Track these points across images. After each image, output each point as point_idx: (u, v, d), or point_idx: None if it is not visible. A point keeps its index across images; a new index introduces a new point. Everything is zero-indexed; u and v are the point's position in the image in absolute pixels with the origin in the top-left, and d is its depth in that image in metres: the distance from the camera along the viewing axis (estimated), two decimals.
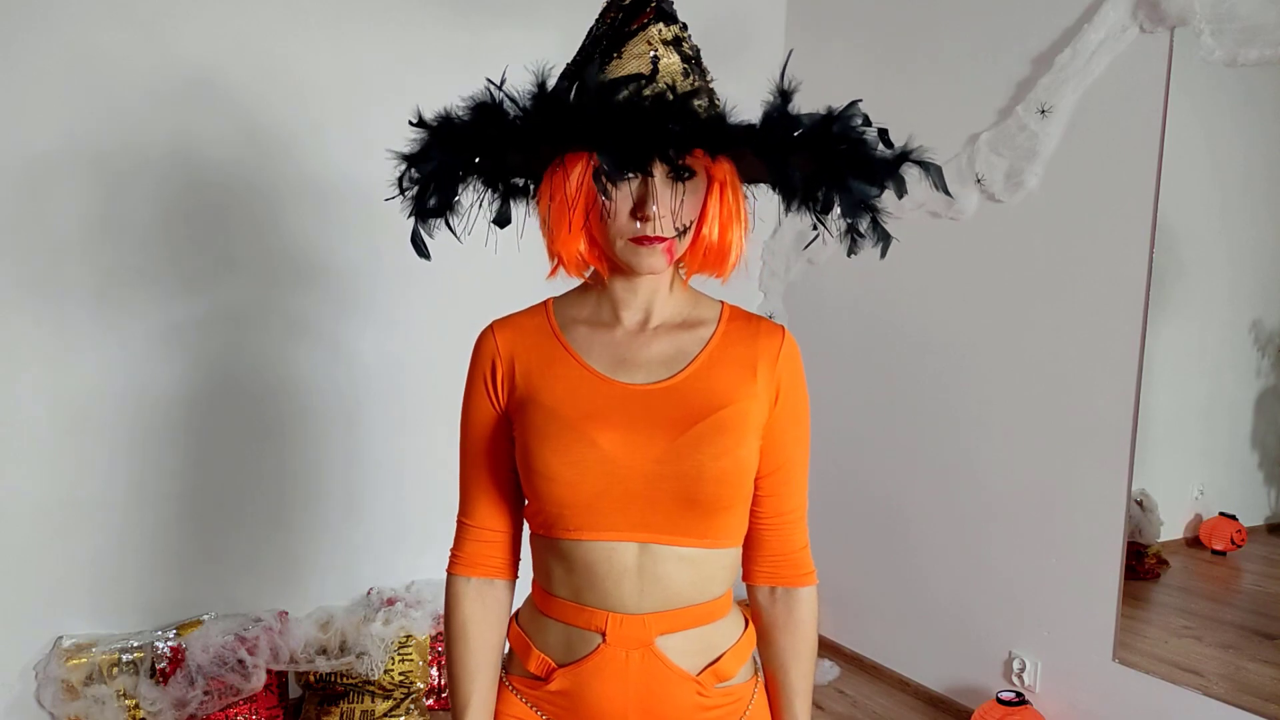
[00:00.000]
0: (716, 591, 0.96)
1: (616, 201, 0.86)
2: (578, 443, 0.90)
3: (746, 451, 0.92)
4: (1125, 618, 2.09)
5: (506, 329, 1.00)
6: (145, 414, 2.04)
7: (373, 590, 2.33)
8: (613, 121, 0.80)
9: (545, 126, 0.82)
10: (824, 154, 0.83)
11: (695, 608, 0.94)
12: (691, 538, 0.92)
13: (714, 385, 0.93)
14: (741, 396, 0.93)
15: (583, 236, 0.91)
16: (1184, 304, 2.08)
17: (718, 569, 0.95)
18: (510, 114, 0.82)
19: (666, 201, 0.87)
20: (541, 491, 0.92)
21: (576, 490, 0.90)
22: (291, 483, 2.24)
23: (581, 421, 0.91)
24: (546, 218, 0.91)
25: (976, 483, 2.40)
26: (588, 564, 0.92)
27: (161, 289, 2.04)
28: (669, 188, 0.87)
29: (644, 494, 0.90)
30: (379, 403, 2.32)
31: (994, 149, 2.27)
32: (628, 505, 0.90)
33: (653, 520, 0.90)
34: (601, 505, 0.90)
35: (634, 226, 0.87)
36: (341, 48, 2.19)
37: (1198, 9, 1.87)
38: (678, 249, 0.90)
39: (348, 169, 2.20)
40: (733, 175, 0.90)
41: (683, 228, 0.89)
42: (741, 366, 0.95)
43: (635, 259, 0.89)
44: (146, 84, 1.97)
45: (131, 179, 1.98)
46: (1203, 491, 2.14)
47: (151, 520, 2.07)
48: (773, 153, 0.82)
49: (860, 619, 2.79)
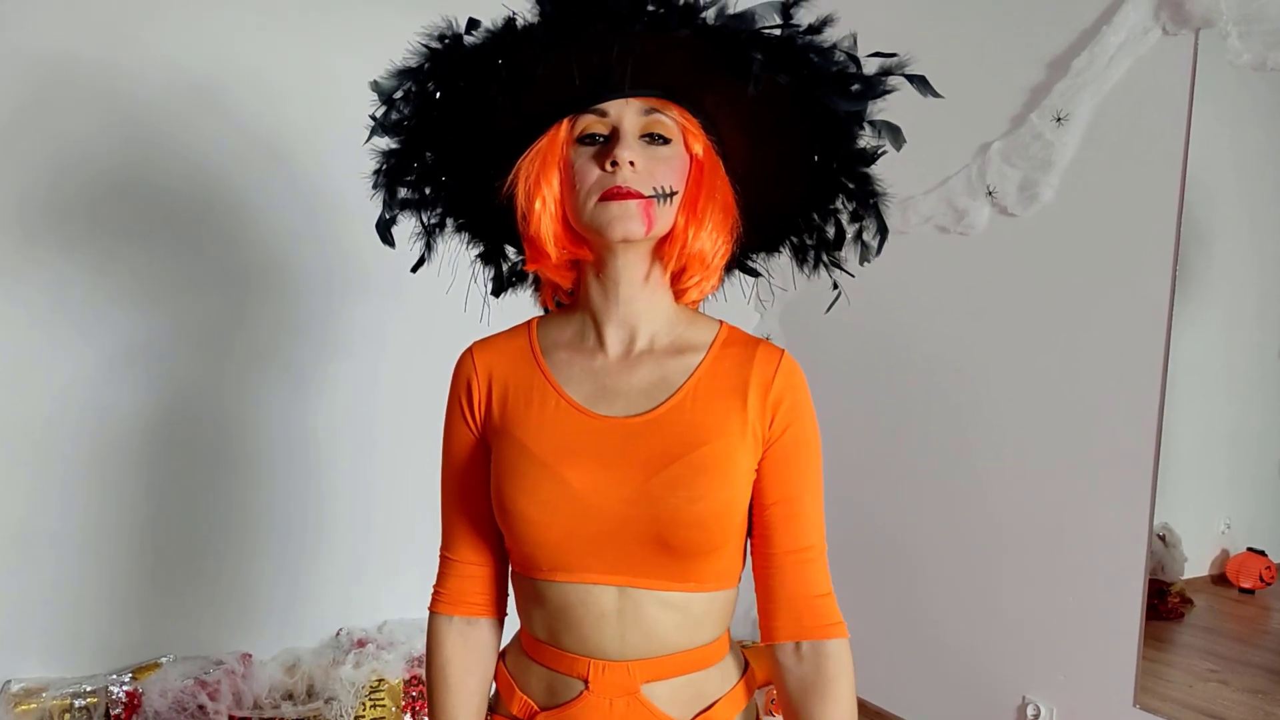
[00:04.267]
0: (707, 636, 0.91)
1: (582, 159, 0.86)
2: (546, 481, 0.87)
3: (730, 493, 0.87)
4: (1147, 660, 1.99)
5: (486, 351, 0.97)
6: (100, 442, 1.93)
7: (342, 631, 2.24)
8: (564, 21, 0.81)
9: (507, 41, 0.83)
10: (794, 66, 0.82)
11: (684, 654, 0.89)
12: (673, 582, 0.87)
13: (697, 419, 0.88)
14: (726, 432, 0.88)
15: (559, 217, 0.89)
16: (1209, 324, 1.98)
17: (707, 613, 0.90)
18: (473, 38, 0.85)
19: (639, 156, 0.85)
20: (513, 531, 0.88)
21: (546, 531, 0.87)
22: (256, 516, 2.13)
23: (552, 458, 0.87)
24: (522, 201, 0.89)
25: (987, 515, 2.30)
26: (564, 606, 0.89)
27: (120, 307, 1.93)
28: (643, 148, 0.85)
29: (616, 537, 0.86)
30: (351, 430, 2.23)
31: (1006, 159, 2.17)
32: (600, 548, 0.86)
33: (628, 564, 0.86)
34: (573, 546, 0.87)
35: (603, 178, 0.84)
36: (314, 55, 2.09)
37: (1224, 10, 1.78)
38: (656, 215, 0.86)
39: (320, 181, 2.10)
40: (711, 156, 0.89)
41: (661, 191, 0.85)
42: (730, 396, 0.89)
43: (606, 217, 0.84)
44: (105, 90, 1.87)
45: (87, 190, 1.87)
46: (1230, 525, 2.04)
47: (106, 556, 1.97)
48: (733, 48, 0.80)
49: (863, 661, 2.62)
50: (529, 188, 0.88)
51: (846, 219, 0.96)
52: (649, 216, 0.85)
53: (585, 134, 0.87)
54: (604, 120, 0.87)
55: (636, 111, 0.86)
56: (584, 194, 0.86)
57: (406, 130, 0.94)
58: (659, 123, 0.87)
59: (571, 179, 0.87)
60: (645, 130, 0.87)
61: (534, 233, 0.89)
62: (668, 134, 0.87)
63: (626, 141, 0.85)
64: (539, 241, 0.90)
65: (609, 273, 0.91)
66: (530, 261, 0.94)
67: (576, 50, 0.83)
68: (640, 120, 0.86)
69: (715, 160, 0.90)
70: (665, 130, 0.87)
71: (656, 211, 0.86)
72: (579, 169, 0.86)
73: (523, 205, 0.89)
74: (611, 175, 0.84)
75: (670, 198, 0.87)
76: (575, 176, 0.86)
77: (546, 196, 0.88)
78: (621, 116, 0.86)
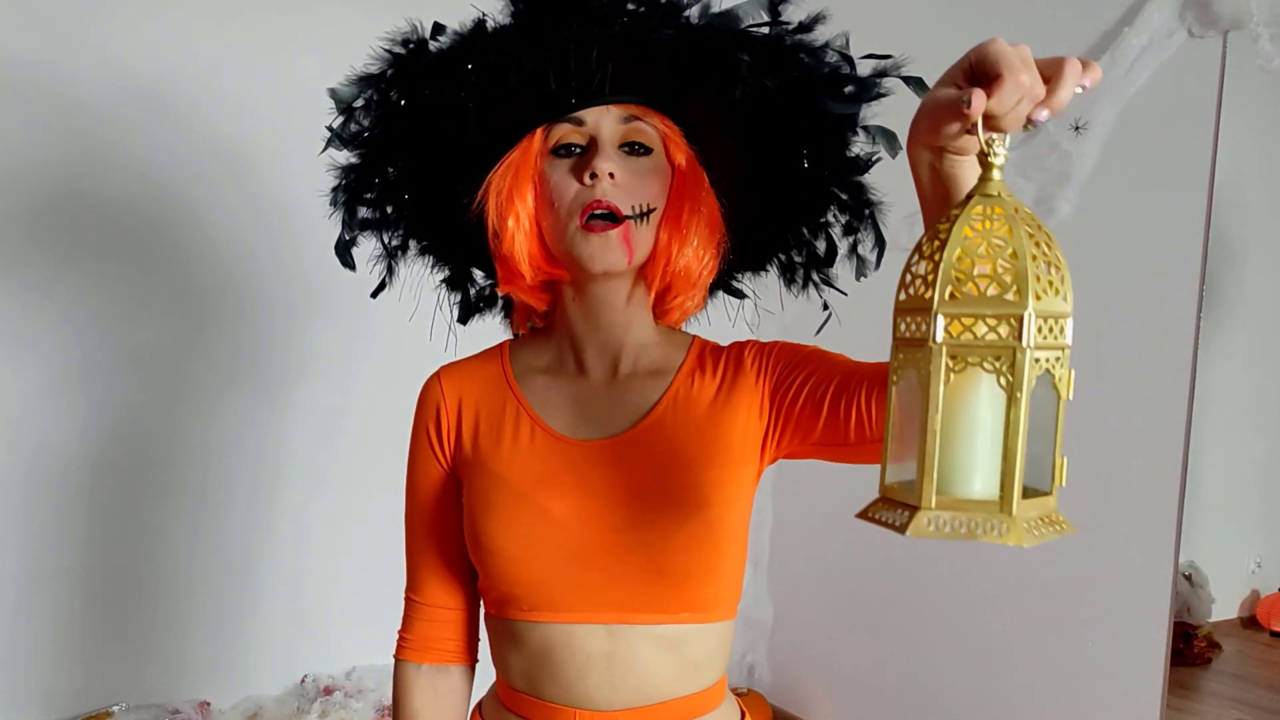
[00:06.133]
0: (705, 681, 0.86)
1: (559, 174, 0.83)
2: (524, 513, 0.84)
3: (723, 508, 0.83)
4: (1171, 709, 1.91)
5: (454, 376, 0.94)
6: (42, 474, 1.84)
7: (307, 677, 2.16)
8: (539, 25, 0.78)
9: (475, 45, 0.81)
10: (783, 67, 0.80)
11: (678, 701, 0.84)
12: (667, 614, 0.83)
13: (680, 434, 0.86)
14: (713, 441, 0.85)
15: (535, 236, 0.86)
16: (1239, 348, 1.92)
17: (704, 651, 0.86)
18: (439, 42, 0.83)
19: (619, 168, 0.82)
20: (490, 568, 0.85)
21: (528, 568, 0.83)
22: (213, 554, 2.04)
23: (531, 489, 0.85)
24: (494, 219, 0.86)
25: (998, 555, 2.21)
26: (546, 650, 0.84)
27: (63, 327, 1.84)
28: (623, 159, 0.83)
29: (607, 569, 0.82)
30: (314, 462, 2.14)
31: (1021, 171, 2.09)
32: (588, 582, 0.82)
33: (620, 597, 0.82)
34: (557, 583, 0.83)
35: (583, 192, 0.82)
36: (276, 63, 2.01)
37: (1254, 10, 1.72)
38: (636, 241, 0.83)
39: (283, 194, 2.01)
40: (694, 166, 0.87)
41: (640, 210, 0.83)
42: (713, 403, 0.87)
43: (588, 250, 0.82)
44: (46, 94, 1.77)
45: (27, 202, 1.78)
46: (1260, 564, 1.98)
47: (50, 597, 1.87)
48: (719, 51, 0.78)
49: (866, 712, 2.61)
50: (501, 204, 0.85)
51: (839, 233, 0.93)
52: (629, 246, 0.83)
53: (561, 144, 0.84)
54: (580, 130, 0.84)
55: (615, 119, 0.84)
56: (564, 213, 0.83)
57: (367, 143, 0.91)
58: (639, 131, 0.84)
59: (547, 194, 0.84)
60: (625, 139, 0.84)
61: (507, 252, 0.86)
62: (649, 143, 0.85)
63: (605, 151, 0.82)
64: (513, 261, 0.86)
65: (588, 297, 0.88)
66: (503, 283, 0.90)
67: (551, 53, 0.80)
68: (619, 129, 0.84)
69: (699, 171, 0.88)
70: (646, 139, 0.85)
71: (635, 237, 0.83)
72: (555, 183, 0.83)
73: (494, 223, 0.86)
74: (590, 189, 0.82)
75: (648, 216, 0.84)
76: (552, 191, 0.83)
77: (520, 213, 0.85)
78: (599, 125, 0.83)
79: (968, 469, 0.55)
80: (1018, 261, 0.53)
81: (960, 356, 0.54)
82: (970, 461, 0.55)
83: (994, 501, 0.54)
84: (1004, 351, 0.54)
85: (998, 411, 0.55)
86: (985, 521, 0.54)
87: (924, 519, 0.54)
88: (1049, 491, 0.57)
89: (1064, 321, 0.57)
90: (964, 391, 0.55)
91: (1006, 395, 0.54)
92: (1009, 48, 0.58)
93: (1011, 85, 0.56)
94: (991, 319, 0.54)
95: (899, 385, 0.58)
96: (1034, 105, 0.58)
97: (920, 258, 0.56)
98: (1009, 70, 0.56)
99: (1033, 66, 0.58)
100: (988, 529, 0.53)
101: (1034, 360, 0.54)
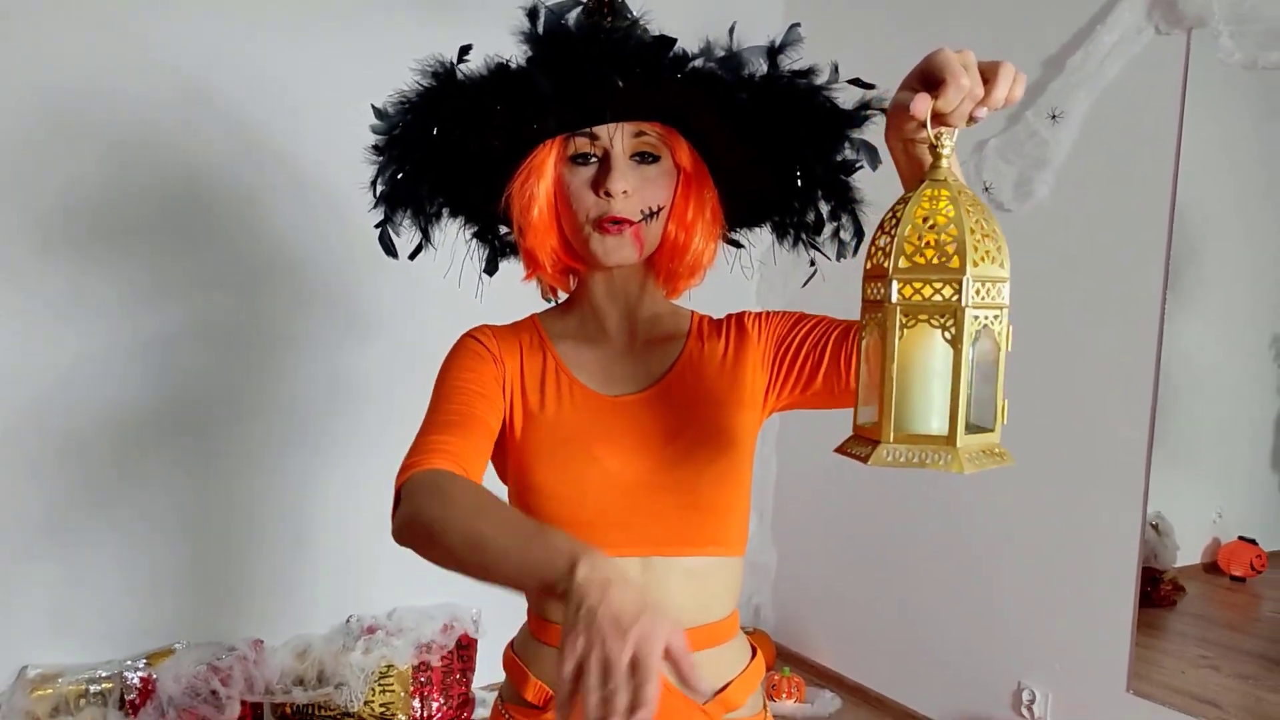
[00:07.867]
0: (720, 612, 0.94)
1: (578, 182, 0.89)
2: (577, 459, 0.91)
3: (738, 451, 0.93)
4: (1140, 647, 2.02)
5: (498, 337, 0.99)
6: (114, 431, 1.95)
7: (352, 618, 2.26)
8: (560, 55, 0.83)
9: (498, 85, 0.86)
10: (779, 105, 0.86)
11: (700, 629, 0.91)
12: (696, 546, 0.91)
13: (697, 386, 0.95)
14: (722, 392, 0.95)
15: (555, 231, 0.93)
16: (1202, 318, 2.01)
17: (721, 584, 0.94)
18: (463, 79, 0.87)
19: (631, 182, 0.89)
20: (540, 511, 0.90)
21: (578, 508, 0.89)
22: (267, 505, 2.15)
23: (579, 437, 0.92)
24: (518, 217, 0.92)
25: (984, 505, 2.32)
26: None
27: (135, 300, 1.96)
28: (634, 170, 0.89)
29: (647, 507, 0.90)
30: (363, 421, 2.24)
31: (1002, 156, 2.19)
32: (630, 519, 0.90)
33: (656, 532, 0.90)
34: (604, 523, 0.89)
35: (599, 205, 0.89)
36: (319, 50, 2.11)
37: (1216, 9, 1.80)
38: (646, 237, 0.91)
39: (329, 174, 2.12)
40: (698, 165, 0.93)
41: (649, 211, 0.90)
42: (720, 363, 0.97)
43: (603, 249, 0.90)
44: (115, 88, 1.89)
45: (100, 185, 1.90)
46: (1221, 515, 2.07)
47: (123, 545, 1.99)
48: (721, 89, 0.84)
49: (863, 649, 2.70)
50: (524, 204, 0.92)
51: (826, 214, 0.99)
52: (640, 241, 0.91)
53: (578, 153, 0.90)
54: (596, 143, 0.90)
55: (627, 134, 0.89)
56: (582, 219, 0.90)
57: (406, 159, 0.95)
58: (648, 142, 0.91)
59: (566, 196, 0.91)
60: (635, 150, 0.90)
61: (530, 246, 0.94)
62: (656, 151, 0.91)
63: (618, 168, 0.88)
64: (535, 254, 0.95)
65: (607, 279, 0.98)
66: (528, 271, 0.99)
67: (570, 89, 0.85)
68: (630, 142, 0.90)
69: (702, 170, 0.94)
70: (654, 148, 0.91)
71: (645, 233, 0.91)
72: (574, 191, 0.90)
73: (519, 220, 0.93)
74: (605, 203, 0.88)
75: (656, 214, 0.92)
76: (571, 197, 0.90)
77: (541, 213, 0.92)
78: (613, 140, 0.89)
79: (926, 410, 0.63)
80: (959, 234, 0.62)
81: (912, 314, 0.63)
82: (928, 404, 0.64)
83: (944, 436, 0.62)
84: (948, 310, 0.62)
85: (948, 361, 0.62)
86: (934, 452, 0.62)
87: (883, 451, 0.63)
88: (992, 429, 0.65)
89: (1001, 285, 0.64)
90: (920, 345, 0.63)
91: (951, 347, 0.62)
92: (953, 55, 0.66)
93: (954, 89, 0.65)
94: (937, 282, 0.62)
95: (867, 340, 0.67)
96: (974, 104, 0.66)
97: (881, 233, 0.65)
98: (951, 76, 0.65)
99: (974, 70, 0.66)
100: (935, 459, 0.62)
101: (974, 317, 0.62)
